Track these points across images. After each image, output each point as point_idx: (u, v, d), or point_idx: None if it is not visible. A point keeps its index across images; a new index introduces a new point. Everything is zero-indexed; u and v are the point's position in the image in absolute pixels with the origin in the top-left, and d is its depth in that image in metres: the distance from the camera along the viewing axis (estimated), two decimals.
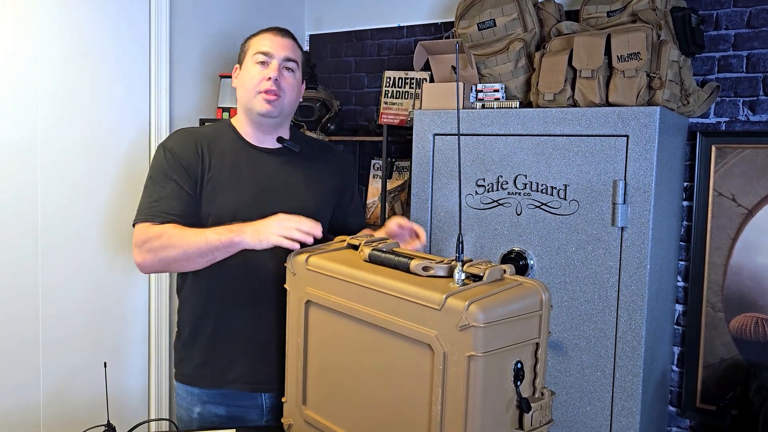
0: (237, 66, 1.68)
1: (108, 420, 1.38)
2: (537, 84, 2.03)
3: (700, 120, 2.21)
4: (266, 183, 1.61)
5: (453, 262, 1.19)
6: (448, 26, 2.69)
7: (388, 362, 1.18)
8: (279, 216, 1.40)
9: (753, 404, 1.90)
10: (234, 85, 1.68)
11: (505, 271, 1.18)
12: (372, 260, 1.29)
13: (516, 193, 1.99)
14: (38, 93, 2.02)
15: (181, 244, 1.45)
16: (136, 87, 2.31)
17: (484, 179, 2.05)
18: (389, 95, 2.80)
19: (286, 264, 1.42)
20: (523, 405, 1.10)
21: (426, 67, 2.31)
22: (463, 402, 1.05)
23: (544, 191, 1.94)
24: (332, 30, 3.06)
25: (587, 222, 1.87)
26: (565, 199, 1.90)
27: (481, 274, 1.14)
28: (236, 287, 1.58)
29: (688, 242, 2.22)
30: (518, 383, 1.10)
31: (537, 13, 2.19)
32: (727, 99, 2.17)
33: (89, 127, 2.16)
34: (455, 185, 2.10)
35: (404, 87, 2.78)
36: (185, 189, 1.55)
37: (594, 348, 1.87)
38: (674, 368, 2.27)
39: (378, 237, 1.46)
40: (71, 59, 2.10)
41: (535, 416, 1.11)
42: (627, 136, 1.80)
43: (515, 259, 1.98)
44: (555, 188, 1.92)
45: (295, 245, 1.36)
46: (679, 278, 2.25)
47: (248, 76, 1.61)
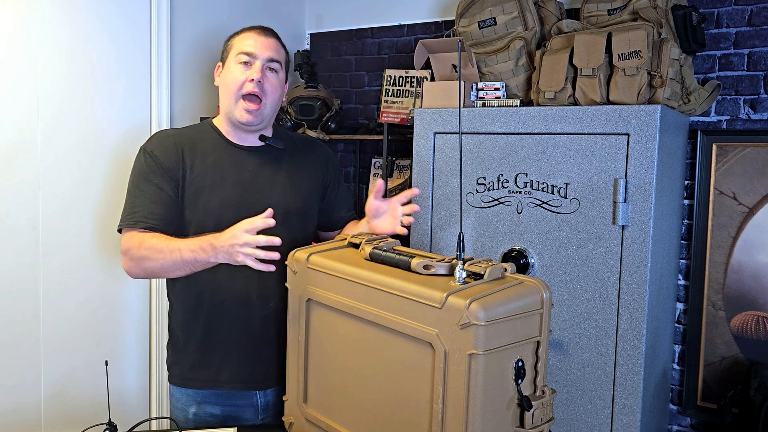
0: (220, 64, 1.67)
1: (109, 419, 1.38)
2: (538, 82, 2.03)
3: (701, 118, 2.21)
4: (249, 182, 1.60)
5: (454, 261, 1.19)
6: (449, 24, 2.69)
7: (389, 360, 1.18)
8: (239, 234, 1.34)
9: (754, 402, 1.90)
10: (216, 84, 1.67)
11: (506, 270, 1.18)
12: (373, 258, 1.29)
13: (517, 192, 1.99)
14: (39, 92, 2.02)
15: (158, 257, 1.46)
16: (137, 85, 2.31)
17: (485, 178, 2.04)
18: (390, 94, 2.80)
19: (287, 262, 1.42)
20: (524, 403, 1.10)
21: (426, 66, 2.31)
22: (464, 400, 1.05)
23: (545, 190, 1.94)
24: (333, 28, 3.06)
25: (588, 220, 1.87)
26: (566, 198, 1.90)
27: (482, 273, 1.14)
28: (224, 288, 1.58)
29: (689, 241, 2.22)
30: (519, 381, 1.10)
31: (538, 12, 2.19)
32: (728, 97, 2.17)
33: (90, 126, 2.16)
34: (456, 184, 2.10)
35: (405, 85, 2.78)
36: (166, 192, 1.55)
37: (595, 346, 1.87)
38: (675, 366, 2.27)
39: (379, 235, 1.46)
40: (72, 58, 2.10)
41: (536, 414, 1.11)
42: (628, 135, 1.80)
43: (516, 258, 1.97)
44: (556, 187, 1.92)
45: (267, 266, 1.33)
46: (680, 277, 2.25)
47: (231, 77, 1.60)
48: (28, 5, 1.98)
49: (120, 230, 1.57)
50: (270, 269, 1.34)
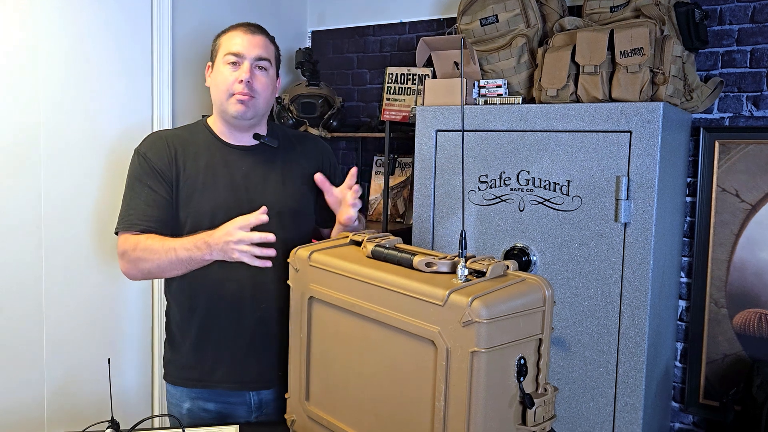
0: (210, 64, 1.65)
1: (112, 416, 1.39)
2: (540, 80, 2.03)
3: (704, 115, 2.20)
4: (243, 182, 1.60)
5: (456, 258, 1.19)
6: (451, 22, 2.68)
7: (391, 358, 1.18)
8: (233, 231, 1.36)
9: (756, 400, 1.90)
10: (207, 85, 1.65)
11: (508, 267, 1.18)
12: (375, 256, 1.29)
13: (519, 189, 1.99)
14: (41, 91, 2.02)
15: (153, 258, 1.48)
16: (139, 84, 2.30)
17: (487, 175, 2.04)
18: (391, 91, 2.80)
19: (289, 260, 1.42)
20: (526, 401, 1.10)
21: (428, 63, 2.31)
22: (466, 398, 1.05)
23: (547, 187, 1.94)
24: (334, 26, 3.05)
25: (590, 218, 1.87)
26: (568, 195, 1.90)
27: (484, 270, 1.14)
28: (218, 289, 1.58)
29: (692, 238, 2.22)
30: (521, 379, 1.10)
31: (540, 9, 2.19)
32: (731, 94, 2.16)
33: (91, 125, 2.16)
34: (458, 181, 2.09)
35: (406, 83, 2.77)
36: (160, 194, 1.56)
37: (597, 344, 1.87)
38: (677, 364, 2.27)
39: (381, 233, 1.46)
40: (73, 57, 2.10)
41: (538, 412, 1.11)
42: (630, 132, 1.79)
43: (518, 255, 1.97)
44: (558, 184, 1.92)
45: (263, 262, 1.36)
46: (683, 274, 2.24)
47: (220, 78, 1.58)
48: (30, 5, 1.98)
49: (117, 233, 1.58)
50: (266, 265, 1.37)
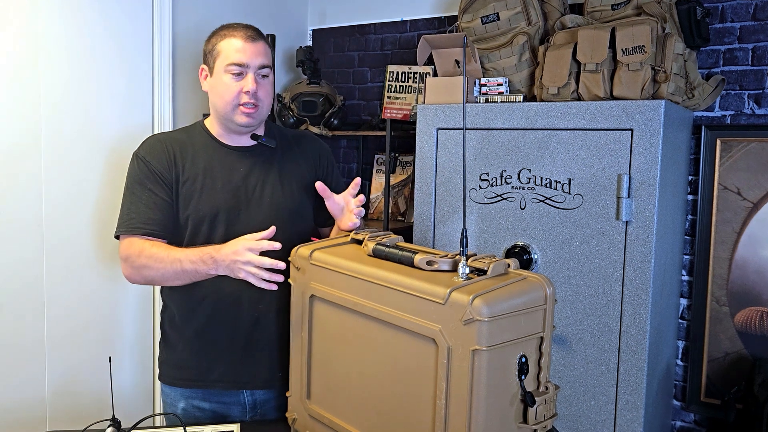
0: (204, 67, 1.62)
1: (113, 415, 1.39)
2: (541, 78, 2.02)
3: (705, 113, 2.20)
4: (241, 183, 1.60)
5: (457, 257, 1.18)
6: (452, 20, 2.68)
7: (392, 356, 1.18)
8: (242, 251, 1.38)
9: (758, 398, 1.90)
10: (205, 89, 1.63)
11: (509, 266, 1.18)
12: (376, 255, 1.29)
13: (520, 188, 1.99)
14: (41, 92, 2.02)
15: (158, 267, 1.49)
16: (139, 83, 2.30)
17: (488, 174, 2.04)
18: (392, 90, 2.80)
19: (290, 258, 1.42)
20: (528, 399, 1.10)
21: (429, 62, 2.31)
22: (467, 396, 1.05)
23: (548, 185, 1.93)
24: (335, 24, 3.05)
25: (591, 216, 1.86)
26: (569, 194, 1.90)
27: (486, 269, 1.14)
28: (214, 289, 1.58)
29: (693, 236, 2.22)
30: (522, 377, 1.10)
31: (541, 7, 2.18)
32: (733, 92, 2.16)
33: (92, 125, 2.16)
34: (459, 180, 2.09)
35: (407, 81, 2.77)
36: (161, 197, 1.56)
37: (598, 342, 1.87)
38: (679, 362, 2.26)
39: (382, 232, 1.46)
40: (74, 57, 2.10)
41: (540, 410, 1.11)
42: (631, 130, 1.79)
43: (519, 254, 1.97)
44: (559, 182, 1.92)
45: (269, 285, 1.38)
46: (684, 272, 2.24)
47: (224, 88, 1.56)
48: (31, 6, 1.98)
49: (117, 236, 1.58)
50: (272, 288, 1.39)
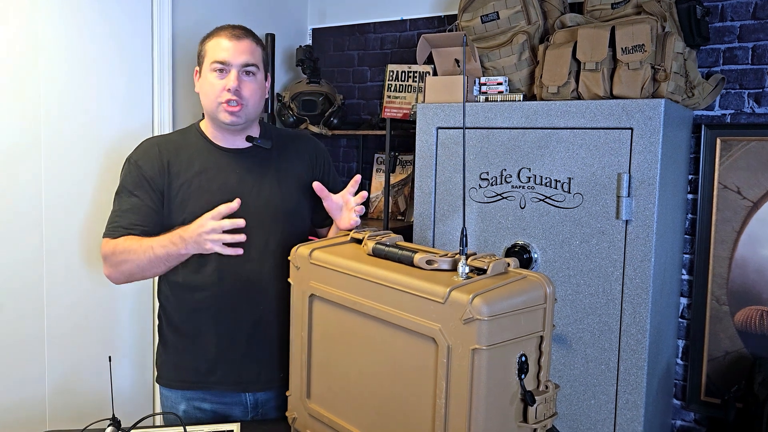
0: (197, 68, 1.64)
1: (113, 414, 1.39)
2: (541, 77, 2.02)
3: (705, 112, 2.20)
4: (237, 185, 1.59)
5: (457, 256, 1.18)
6: (451, 19, 2.68)
7: (392, 356, 1.18)
8: (205, 222, 1.40)
9: (758, 397, 1.90)
10: (197, 90, 1.64)
11: (509, 265, 1.18)
12: (375, 254, 1.29)
13: (520, 187, 1.99)
14: (41, 90, 2.02)
15: (132, 258, 1.51)
16: (139, 84, 2.30)
17: (488, 173, 2.04)
18: (392, 89, 2.80)
19: (290, 258, 1.42)
20: (528, 398, 1.10)
21: (429, 61, 2.31)
22: (467, 395, 1.05)
23: (548, 184, 1.93)
24: (335, 24, 3.05)
25: (591, 215, 1.86)
26: (569, 193, 1.90)
27: (485, 268, 1.14)
28: (213, 292, 1.58)
29: (693, 235, 2.22)
30: (522, 376, 1.10)
31: (541, 6, 2.18)
32: (733, 91, 2.16)
33: (92, 125, 2.16)
34: (459, 179, 2.09)
35: (407, 80, 2.77)
36: (146, 203, 1.56)
37: (598, 341, 1.87)
38: (679, 361, 2.26)
39: (381, 231, 1.46)
40: (74, 57, 2.10)
41: (540, 409, 1.11)
42: (631, 129, 1.79)
43: (519, 253, 1.97)
44: (559, 181, 1.91)
45: (235, 250, 1.40)
46: (684, 271, 2.24)
47: (208, 86, 1.57)
48: (31, 6, 1.98)
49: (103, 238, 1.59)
50: (238, 252, 1.40)
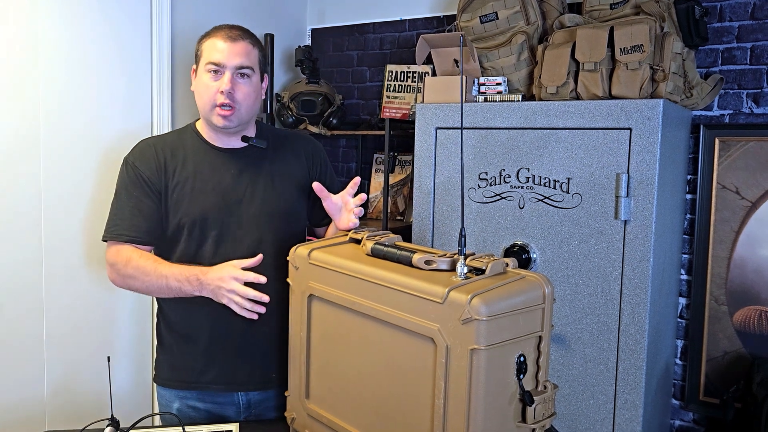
0: (194, 67, 1.63)
1: (112, 414, 1.39)
2: (540, 77, 2.02)
3: (704, 112, 2.20)
4: (232, 185, 1.59)
5: (455, 256, 1.18)
6: (451, 19, 2.68)
7: (391, 356, 1.18)
8: (228, 279, 1.44)
9: (756, 397, 1.90)
10: (192, 90, 1.64)
11: (508, 265, 1.18)
12: (374, 254, 1.29)
13: (519, 187, 1.99)
14: (41, 91, 2.02)
15: (144, 279, 1.53)
16: (139, 84, 2.30)
17: (487, 173, 2.04)
18: (391, 89, 2.80)
19: (289, 258, 1.42)
20: (526, 398, 1.10)
21: (428, 61, 2.31)
22: (466, 395, 1.05)
23: (547, 184, 1.94)
24: (334, 24, 3.05)
25: (590, 215, 1.87)
26: (568, 193, 1.90)
27: (484, 268, 1.14)
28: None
29: (692, 235, 2.22)
30: (521, 376, 1.10)
31: (540, 6, 2.19)
32: (731, 91, 2.16)
33: (91, 125, 2.16)
34: (458, 179, 2.09)
35: (406, 81, 2.77)
36: (146, 203, 1.57)
37: (597, 341, 1.87)
38: (677, 361, 2.27)
39: (380, 231, 1.46)
40: (73, 57, 2.10)
41: (538, 409, 1.11)
42: (630, 129, 1.79)
43: (518, 253, 1.97)
44: (558, 181, 1.92)
45: (251, 314, 1.45)
46: (683, 271, 2.24)
47: (202, 87, 1.57)
48: (31, 6, 1.97)
49: (105, 240, 1.60)
50: (253, 317, 1.46)
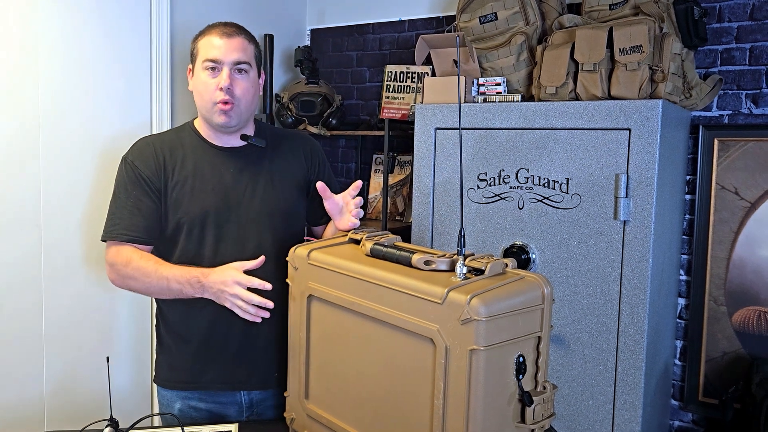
0: (190, 66, 1.63)
1: (111, 414, 1.39)
2: (539, 77, 2.03)
3: (703, 113, 2.20)
4: (231, 185, 1.59)
5: (455, 256, 1.18)
6: (450, 20, 2.68)
7: (390, 356, 1.18)
8: (231, 284, 1.42)
9: (755, 398, 1.90)
10: (190, 89, 1.63)
11: (507, 265, 1.18)
12: (374, 254, 1.29)
13: (518, 187, 1.99)
14: (40, 90, 2.02)
15: (144, 281, 1.52)
16: (138, 83, 2.30)
17: (486, 173, 2.04)
18: (391, 89, 2.80)
19: (288, 258, 1.42)
20: (525, 399, 1.10)
21: (427, 61, 2.31)
22: (465, 396, 1.05)
23: (546, 185, 1.94)
24: (334, 24, 3.05)
25: (589, 216, 1.87)
26: (567, 193, 1.90)
27: (483, 268, 1.14)
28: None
29: (691, 236, 2.22)
30: (520, 377, 1.10)
31: (539, 6, 2.19)
32: (730, 92, 2.16)
33: (91, 124, 2.16)
34: (457, 179, 2.09)
35: (406, 81, 2.77)
36: (146, 202, 1.56)
37: (596, 342, 1.87)
38: (676, 362, 2.27)
39: (379, 231, 1.46)
40: (72, 56, 2.10)
41: (537, 410, 1.11)
42: (629, 130, 1.79)
43: (517, 253, 1.97)
44: (557, 182, 1.92)
45: (254, 318, 1.43)
46: (682, 272, 2.25)
47: (201, 85, 1.57)
48: (30, 5, 1.97)
49: (104, 240, 1.60)
50: (257, 321, 1.44)
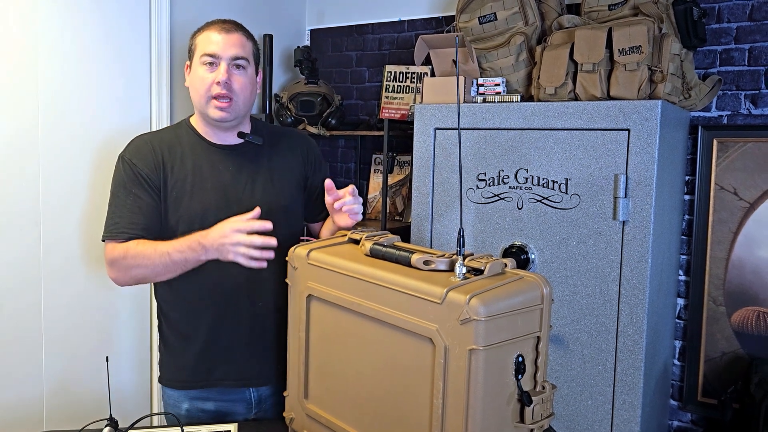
0: (188, 63, 1.63)
1: (110, 414, 1.39)
2: (538, 78, 2.03)
3: (702, 113, 2.20)
4: (230, 182, 1.59)
5: (454, 256, 1.19)
6: (449, 20, 2.68)
7: (390, 356, 1.19)
8: (230, 233, 1.40)
9: (754, 398, 1.90)
10: (186, 85, 1.63)
11: (506, 265, 1.18)
12: (373, 254, 1.29)
13: (517, 187, 1.99)
14: (39, 89, 2.02)
15: (147, 263, 1.50)
16: (137, 82, 2.30)
17: (485, 173, 2.04)
18: (390, 90, 2.80)
19: (288, 258, 1.42)
20: (525, 398, 1.10)
21: (427, 62, 2.31)
22: (464, 395, 1.05)
23: (546, 185, 1.94)
24: (333, 24, 3.05)
25: (588, 216, 1.87)
26: (567, 193, 1.90)
27: (482, 268, 1.14)
28: (213, 288, 1.58)
29: (690, 236, 2.22)
30: (519, 377, 1.10)
31: (538, 7, 2.19)
32: (729, 92, 2.16)
33: (90, 122, 2.16)
34: (456, 179, 2.09)
35: (405, 81, 2.77)
36: (145, 200, 1.55)
37: (595, 342, 1.87)
38: (675, 362, 2.27)
39: (379, 231, 1.46)
40: (72, 55, 2.10)
41: (536, 410, 1.12)
42: (628, 130, 1.79)
43: (516, 254, 1.98)
44: (556, 182, 1.92)
45: (260, 264, 1.40)
46: (681, 272, 2.25)
47: (198, 80, 1.56)
48: (30, 5, 1.97)
49: (104, 240, 1.58)
50: (262, 266, 1.40)
